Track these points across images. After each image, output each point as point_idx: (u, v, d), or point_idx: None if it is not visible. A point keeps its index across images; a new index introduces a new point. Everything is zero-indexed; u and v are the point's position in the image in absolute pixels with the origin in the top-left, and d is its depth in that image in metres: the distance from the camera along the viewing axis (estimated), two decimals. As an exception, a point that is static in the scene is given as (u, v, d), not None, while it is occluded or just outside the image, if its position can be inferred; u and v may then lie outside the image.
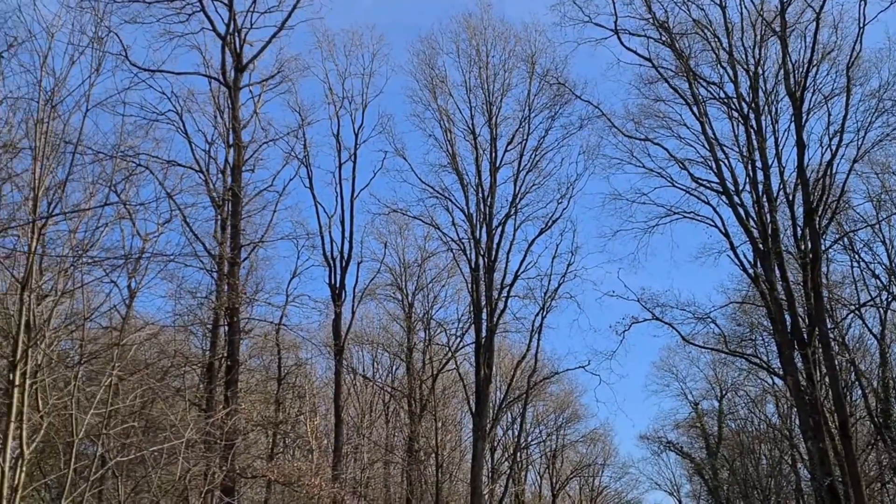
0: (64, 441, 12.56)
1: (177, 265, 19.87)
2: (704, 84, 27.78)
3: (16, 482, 10.18)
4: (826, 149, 26.55)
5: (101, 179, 12.78)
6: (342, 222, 30.73)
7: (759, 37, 27.30)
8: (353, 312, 32.52)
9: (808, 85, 26.33)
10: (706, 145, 27.13)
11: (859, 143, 26.63)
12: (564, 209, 32.76)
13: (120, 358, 13.94)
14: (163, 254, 15.30)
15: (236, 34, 25.43)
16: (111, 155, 13.63)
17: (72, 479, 11.98)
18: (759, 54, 27.37)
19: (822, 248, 26.98)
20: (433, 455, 39.16)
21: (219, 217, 23.85)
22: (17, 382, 10.28)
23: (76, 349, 14.76)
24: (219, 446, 17.13)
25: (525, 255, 32.50)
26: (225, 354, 22.74)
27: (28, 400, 10.88)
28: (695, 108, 27.14)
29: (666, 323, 29.06)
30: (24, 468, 10.38)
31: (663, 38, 27.22)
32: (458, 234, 32.68)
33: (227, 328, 23.19)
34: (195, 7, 24.82)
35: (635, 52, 27.75)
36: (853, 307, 35.37)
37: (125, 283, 17.84)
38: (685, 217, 28.60)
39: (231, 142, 24.43)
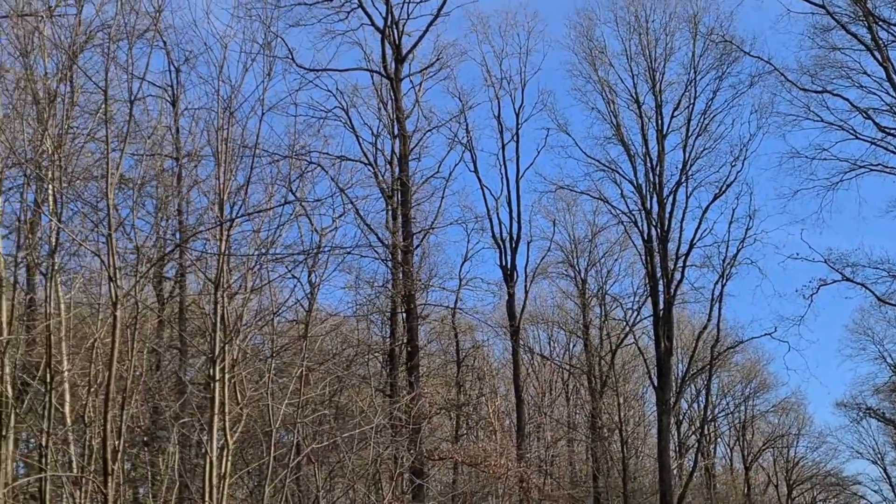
0: (262, 430, 13.23)
1: (353, 257, 20.52)
2: (885, 26, 25.97)
3: (223, 470, 10.83)
4: None
5: (279, 180, 13.33)
6: (509, 203, 30.85)
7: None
8: (527, 292, 32.61)
9: None
10: (892, 92, 25.40)
11: None
12: (739, 172, 31.51)
13: (308, 349, 14.52)
14: (339, 247, 15.82)
15: (394, 26, 25.93)
16: (286, 155, 14.21)
17: (272, 466, 12.59)
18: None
19: None
20: (617, 431, 38.78)
21: (389, 207, 24.43)
22: (217, 377, 10.90)
23: (267, 343, 15.50)
24: (406, 430, 17.59)
25: (700, 223, 31.54)
26: (405, 341, 23.30)
27: (227, 393, 11.51)
28: (876, 54, 25.42)
29: (858, 283, 27.50)
30: (229, 457, 11.02)
31: (836, -18, 25.65)
32: (627, 207, 32.13)
33: (404, 315, 23.75)
34: (353, 4, 25.50)
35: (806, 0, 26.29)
36: None
37: (306, 278, 18.57)
38: (872, 170, 26.89)
39: (396, 132, 24.95)
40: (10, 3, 14.84)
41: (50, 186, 11.78)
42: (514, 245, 30.57)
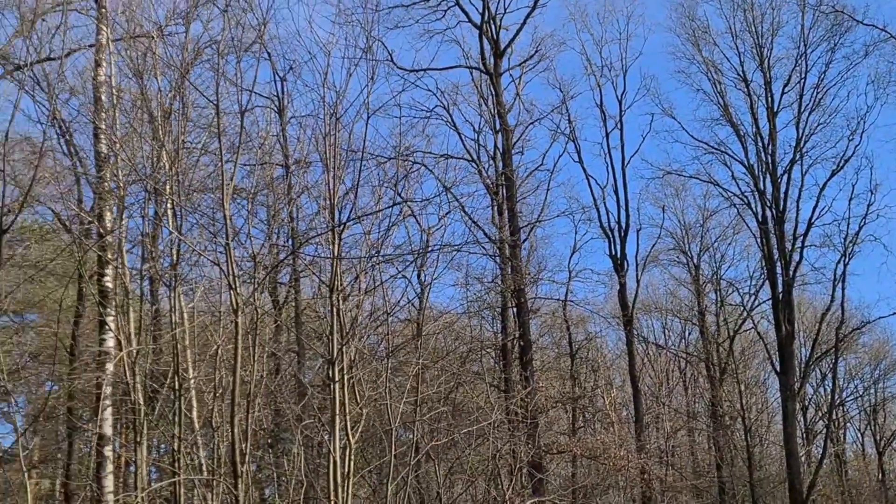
0: (382, 429, 13.43)
1: (462, 254, 20.60)
2: None
3: (346, 469, 11.04)
4: None
5: (386, 182, 13.49)
6: (616, 192, 30.42)
7: None
8: (638, 281, 32.10)
9: None
10: None
11: None
12: (857, 146, 30.15)
13: (422, 348, 14.68)
14: (448, 245, 15.91)
15: (491, 21, 25.90)
16: (391, 157, 14.37)
17: (393, 464, 12.76)
18: None
19: None
20: (739, 419, 37.81)
21: (495, 203, 24.44)
22: (336, 378, 11.12)
23: (382, 343, 15.71)
24: (523, 425, 17.57)
25: (817, 201, 30.35)
26: (517, 335, 23.27)
27: (347, 393, 11.72)
28: None
29: None
30: (351, 457, 11.23)
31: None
32: (739, 189, 31.20)
33: (515, 310, 23.71)
34: (450, 2, 25.60)
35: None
36: None
37: (416, 278, 18.75)
38: None
39: (498, 128, 24.93)
40: (122, 26, 15.49)
41: (169, 200, 12.24)
42: (622, 234, 30.16)
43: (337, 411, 11.07)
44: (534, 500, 15.61)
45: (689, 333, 41.50)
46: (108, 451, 16.62)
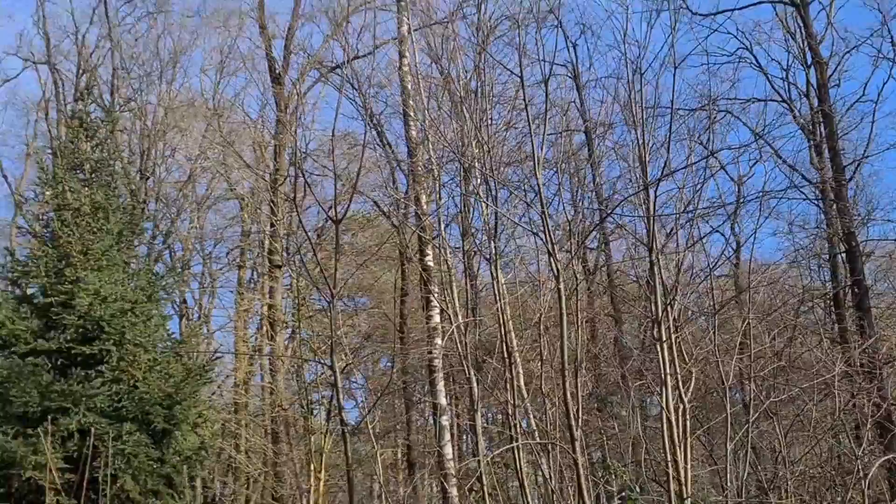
0: (716, 388, 13.03)
1: (780, 202, 19.42)
2: None
3: (682, 430, 10.83)
4: None
5: (694, 134, 12.99)
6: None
7: None
8: None
9: None
10: None
11: None
12: None
13: (747, 302, 14.05)
14: (765, 192, 15.03)
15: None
16: (698, 107, 13.82)
17: (729, 423, 12.33)
18: None
19: None
20: None
21: (811, 143, 22.79)
22: (663, 338, 10.92)
23: (705, 300, 15.24)
24: (866, 377, 16.29)
25: None
26: (848, 283, 21.60)
27: (675, 353, 11.48)
28: None
29: None
30: (686, 416, 10.99)
31: None
32: None
33: (844, 255, 22.02)
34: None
35: None
36: None
37: (730, 231, 17.96)
38: None
39: (809, 62, 23.19)
40: (421, 15, 16.18)
41: (482, 176, 12.63)
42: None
43: (667, 371, 10.88)
44: (887, 457, 14.42)
45: None
46: (444, 420, 17.57)
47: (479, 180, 13.28)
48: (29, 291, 17.24)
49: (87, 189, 17.83)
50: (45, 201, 17.86)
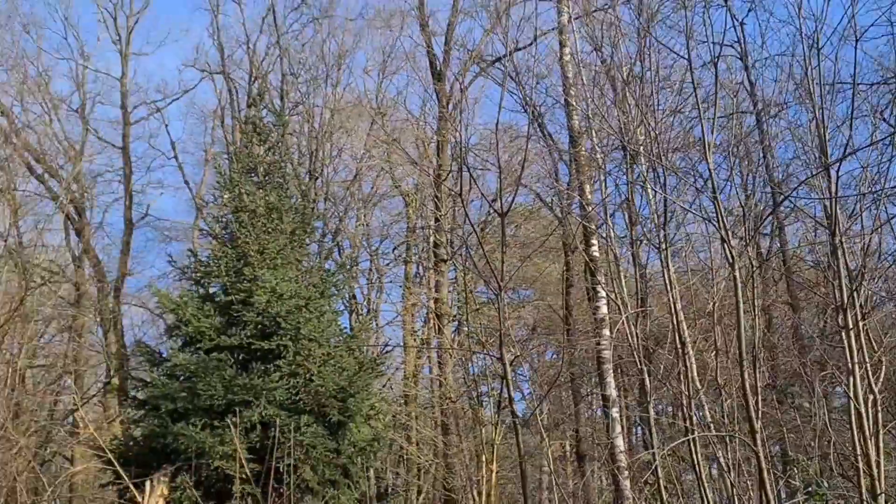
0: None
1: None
2: None
3: (874, 422, 10.22)
4: None
5: (877, 110, 12.23)
6: None
7: None
8: None
9: None
10: None
11: None
12: None
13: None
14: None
15: None
16: (880, 82, 13.01)
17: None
18: None
19: None
20: None
21: None
22: (850, 325, 10.33)
23: (893, 285, 14.35)
24: None
25: None
26: None
27: (863, 341, 10.85)
28: None
29: None
30: (878, 408, 10.36)
31: None
32: None
33: None
34: None
35: None
36: None
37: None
38: None
39: None
40: (578, 3, 15.96)
41: (647, 162, 12.34)
42: None
43: (855, 360, 10.28)
44: None
45: None
46: (615, 412, 17.30)
47: (645, 167, 12.98)
48: (211, 290, 18.17)
49: (261, 191, 18.62)
50: (224, 204, 18.76)
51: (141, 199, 32.13)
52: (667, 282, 12.26)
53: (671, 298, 12.33)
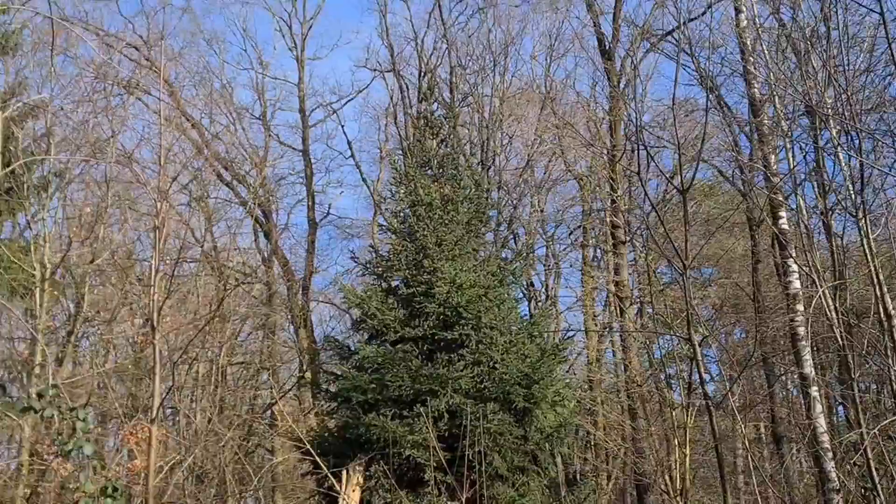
0: None
1: None
2: None
3: None
4: None
5: None
6: None
7: None
8: None
9: None
10: None
11: None
12: None
13: None
14: None
15: None
16: None
17: None
18: None
19: None
20: None
21: None
22: None
23: None
24: None
25: None
26: None
27: None
28: None
29: None
30: None
31: None
32: None
33: None
34: None
35: None
36: None
37: None
38: None
39: None
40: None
41: (839, 126, 11.60)
42: None
43: None
44: None
45: None
46: (814, 391, 16.43)
47: (836, 131, 12.21)
48: (393, 284, 18.52)
49: (436, 184, 18.82)
50: (400, 199, 19.07)
51: (322, 199, 33.23)
52: (866, 251, 11.50)
53: (872, 269, 11.57)
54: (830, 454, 15.04)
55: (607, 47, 25.77)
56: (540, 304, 29.64)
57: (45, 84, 23.15)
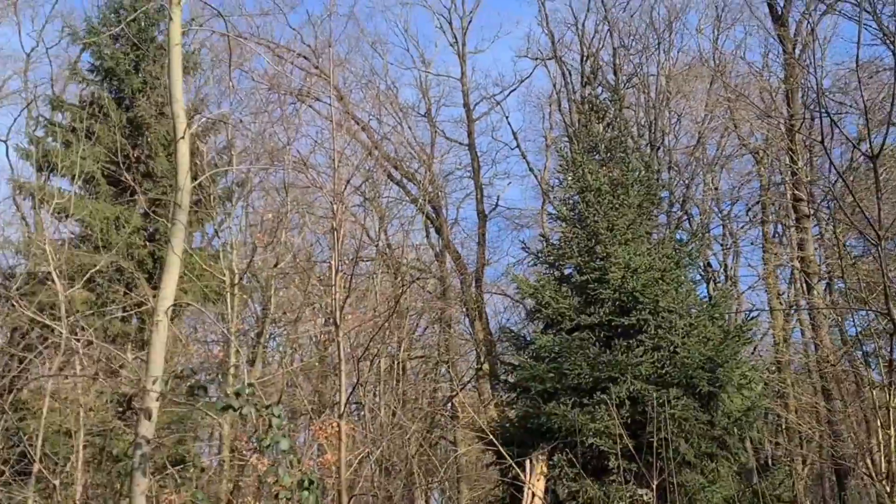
0: None
1: None
2: None
3: None
4: None
5: None
6: None
7: None
8: None
9: None
10: None
11: None
12: None
13: None
14: None
15: None
16: None
17: None
18: None
19: None
20: None
21: None
22: None
23: None
24: None
25: None
26: None
27: None
28: None
29: None
30: None
31: None
32: None
33: None
34: None
35: None
36: None
37: None
38: None
39: None
40: None
41: None
42: None
43: None
44: None
45: None
46: None
47: None
48: (566, 271, 18.40)
49: (604, 168, 18.55)
50: (569, 186, 18.90)
51: (490, 192, 33.57)
52: None
53: None
54: None
55: (780, 12, 24.55)
56: (719, 284, 28.66)
57: (224, 99, 24.41)
